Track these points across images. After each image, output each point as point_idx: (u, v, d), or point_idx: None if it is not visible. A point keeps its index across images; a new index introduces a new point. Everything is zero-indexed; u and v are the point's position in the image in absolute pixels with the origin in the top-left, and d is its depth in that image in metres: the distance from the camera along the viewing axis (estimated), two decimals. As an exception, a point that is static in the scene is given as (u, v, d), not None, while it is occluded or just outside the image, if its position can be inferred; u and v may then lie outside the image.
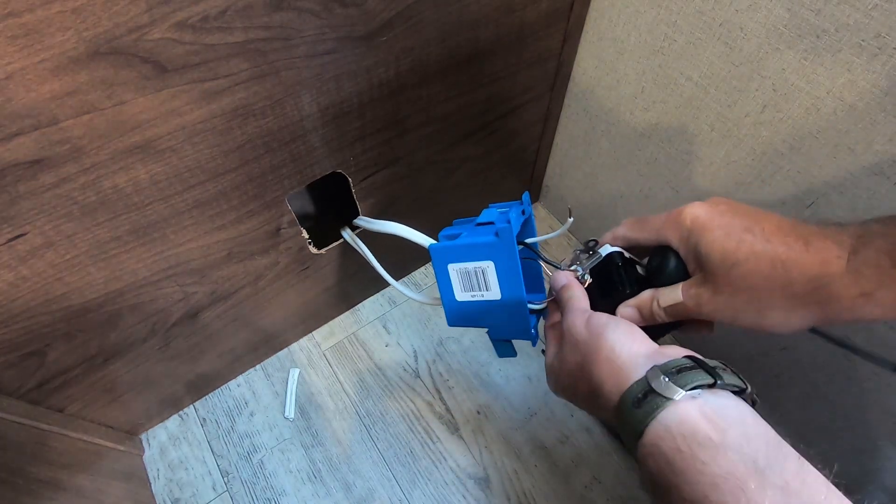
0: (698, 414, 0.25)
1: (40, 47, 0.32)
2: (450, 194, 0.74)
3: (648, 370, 0.27)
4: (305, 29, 0.41)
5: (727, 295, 0.29)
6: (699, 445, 0.24)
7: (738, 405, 0.26)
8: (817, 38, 0.42)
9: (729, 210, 0.30)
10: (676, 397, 0.25)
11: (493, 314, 0.40)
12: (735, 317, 0.30)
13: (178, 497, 0.68)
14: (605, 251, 0.36)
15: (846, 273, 0.26)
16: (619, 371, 0.28)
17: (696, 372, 0.26)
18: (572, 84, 0.70)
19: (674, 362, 0.27)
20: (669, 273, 0.33)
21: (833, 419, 0.58)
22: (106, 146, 0.39)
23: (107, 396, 0.62)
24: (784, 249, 0.27)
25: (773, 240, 0.28)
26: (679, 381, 0.26)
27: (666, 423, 0.25)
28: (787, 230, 0.28)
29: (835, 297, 0.26)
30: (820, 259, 0.26)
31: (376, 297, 0.85)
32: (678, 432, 0.24)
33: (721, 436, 0.24)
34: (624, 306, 0.35)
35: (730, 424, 0.24)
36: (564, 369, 0.33)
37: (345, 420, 0.73)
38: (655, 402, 0.26)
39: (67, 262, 0.45)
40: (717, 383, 0.26)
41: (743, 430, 0.24)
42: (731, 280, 0.29)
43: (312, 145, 0.51)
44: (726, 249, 0.29)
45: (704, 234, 0.30)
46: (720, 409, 0.25)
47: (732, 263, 0.28)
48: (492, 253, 0.37)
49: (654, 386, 0.26)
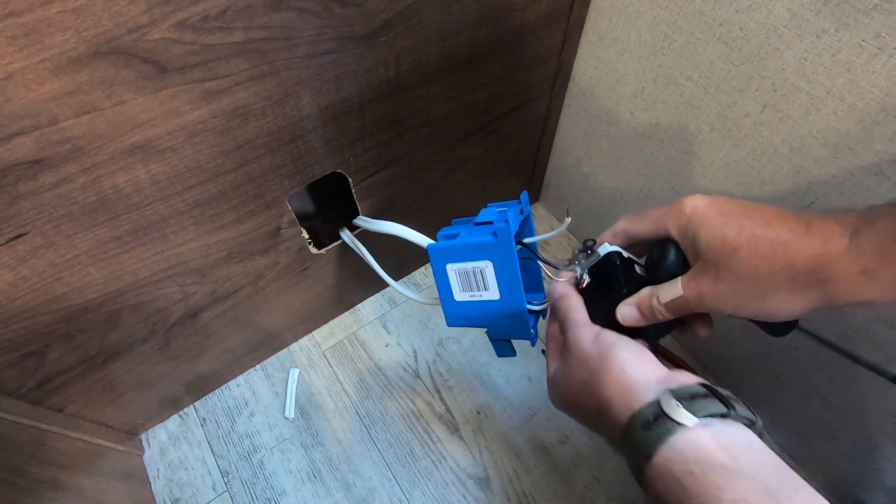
0: (711, 441, 0.25)
1: (40, 47, 0.32)
2: (450, 194, 0.74)
3: (661, 394, 0.27)
4: (305, 29, 0.41)
5: (728, 283, 0.29)
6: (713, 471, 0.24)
7: (748, 435, 0.26)
8: (817, 38, 0.42)
9: (729, 201, 0.30)
10: (689, 423, 0.25)
11: (492, 314, 0.40)
12: (737, 305, 0.29)
13: (178, 497, 0.68)
14: (604, 251, 0.36)
15: (847, 251, 0.25)
16: (630, 391, 0.28)
17: (709, 400, 0.26)
18: (572, 84, 0.70)
19: (687, 388, 0.27)
20: (669, 266, 0.32)
21: (833, 419, 0.58)
22: (106, 146, 0.39)
23: (107, 396, 0.62)
24: (785, 231, 0.27)
25: (774, 224, 0.28)
26: (692, 407, 0.26)
27: (678, 448, 0.25)
28: (788, 216, 0.28)
29: (836, 277, 0.25)
30: (821, 238, 0.26)
31: (376, 297, 0.85)
32: (691, 457, 0.24)
33: (735, 462, 0.24)
34: (623, 305, 0.34)
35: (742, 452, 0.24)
36: (569, 384, 0.33)
37: (345, 420, 0.73)
38: (667, 426, 0.26)
39: (67, 262, 0.45)
40: (730, 413, 0.26)
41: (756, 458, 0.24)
42: (732, 266, 0.28)
43: (312, 145, 0.51)
44: (726, 236, 0.28)
45: (704, 222, 0.30)
46: (732, 437, 0.25)
47: (733, 249, 0.28)
48: (490, 253, 0.37)
49: (667, 410, 0.26)
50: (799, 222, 0.27)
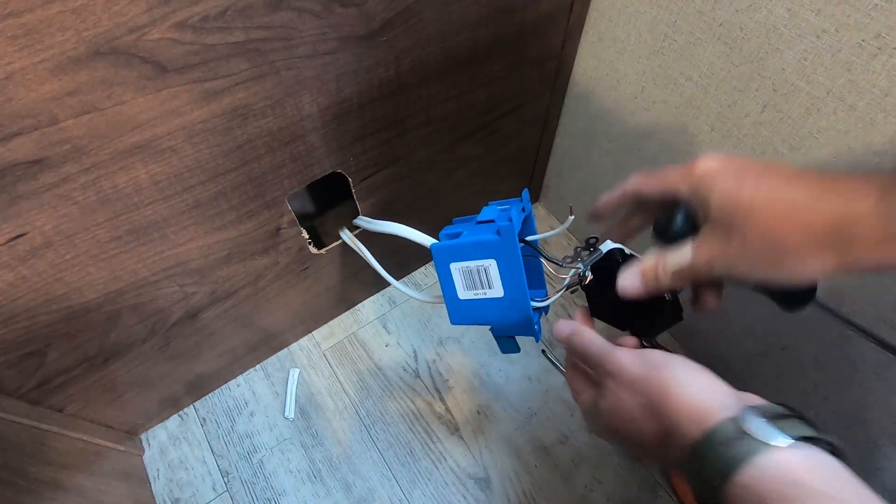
0: (803, 464, 0.24)
1: (40, 47, 0.32)
2: (450, 194, 0.74)
3: (741, 411, 0.26)
4: (305, 29, 0.41)
5: (741, 244, 0.27)
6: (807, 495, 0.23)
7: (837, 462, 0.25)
8: (817, 38, 0.42)
9: (745, 160, 0.28)
10: (778, 443, 0.24)
11: (496, 312, 0.39)
12: (750, 268, 0.27)
13: (178, 497, 0.68)
14: (606, 248, 0.36)
15: (873, 213, 0.23)
16: (701, 409, 0.27)
17: (797, 421, 0.25)
18: (572, 84, 0.70)
19: (771, 408, 0.26)
20: (677, 230, 0.30)
21: (833, 419, 0.58)
22: (106, 146, 0.39)
23: (107, 396, 0.62)
24: (804, 191, 0.25)
25: (793, 182, 0.26)
26: (780, 427, 0.25)
27: (766, 468, 0.24)
28: (808, 174, 0.26)
29: (858, 239, 0.24)
30: (844, 198, 0.24)
31: (376, 297, 0.85)
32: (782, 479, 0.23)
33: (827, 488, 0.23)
34: (625, 273, 0.32)
35: (834, 479, 0.23)
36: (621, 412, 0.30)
37: (345, 420, 0.73)
38: (751, 445, 0.24)
39: (67, 262, 0.45)
40: (819, 438, 0.25)
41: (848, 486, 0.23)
42: (746, 227, 0.26)
43: (312, 145, 0.51)
44: (740, 196, 0.27)
45: (717, 181, 0.28)
46: (824, 463, 0.24)
47: (747, 210, 0.26)
48: (494, 251, 0.37)
49: (750, 428, 0.25)
50: (821, 181, 0.25)
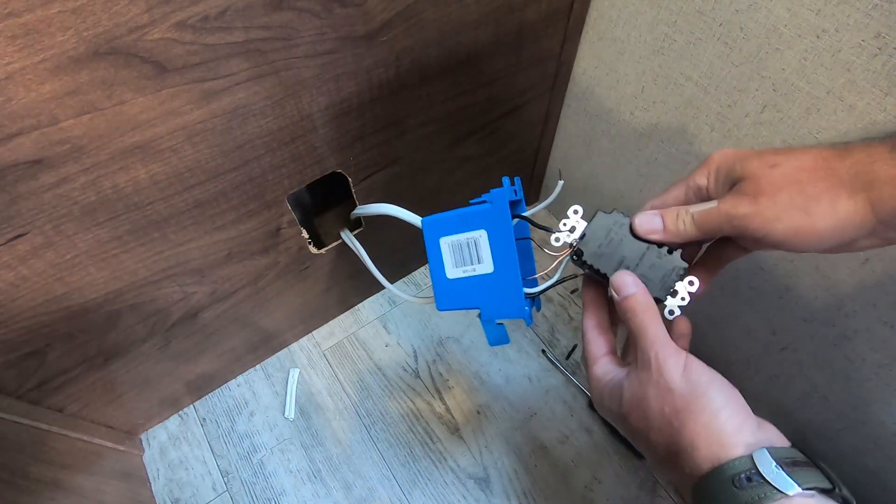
0: None
1: (40, 47, 0.32)
2: (450, 194, 0.74)
3: (757, 452, 0.26)
4: (305, 29, 0.41)
5: (768, 195, 0.28)
6: None
7: None
8: (817, 38, 0.42)
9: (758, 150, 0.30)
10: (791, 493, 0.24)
11: (485, 290, 0.39)
12: (777, 218, 0.27)
13: (178, 497, 0.68)
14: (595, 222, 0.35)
15: (888, 158, 0.25)
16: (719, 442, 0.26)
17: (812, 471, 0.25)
18: (572, 84, 0.70)
19: (787, 452, 0.26)
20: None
21: (833, 419, 0.58)
22: (106, 146, 0.39)
23: (106, 396, 0.62)
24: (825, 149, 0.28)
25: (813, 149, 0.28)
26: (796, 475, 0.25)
27: None
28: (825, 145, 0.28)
29: (881, 180, 0.25)
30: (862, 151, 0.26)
31: (376, 297, 0.85)
32: None
33: None
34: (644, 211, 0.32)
35: None
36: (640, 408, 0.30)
37: (345, 420, 0.73)
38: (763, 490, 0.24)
39: (67, 262, 0.45)
40: (833, 490, 0.25)
41: None
42: (773, 179, 0.28)
43: (312, 145, 0.51)
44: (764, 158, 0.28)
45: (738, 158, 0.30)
46: None
47: (772, 165, 0.28)
48: (485, 220, 0.36)
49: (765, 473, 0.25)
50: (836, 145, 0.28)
